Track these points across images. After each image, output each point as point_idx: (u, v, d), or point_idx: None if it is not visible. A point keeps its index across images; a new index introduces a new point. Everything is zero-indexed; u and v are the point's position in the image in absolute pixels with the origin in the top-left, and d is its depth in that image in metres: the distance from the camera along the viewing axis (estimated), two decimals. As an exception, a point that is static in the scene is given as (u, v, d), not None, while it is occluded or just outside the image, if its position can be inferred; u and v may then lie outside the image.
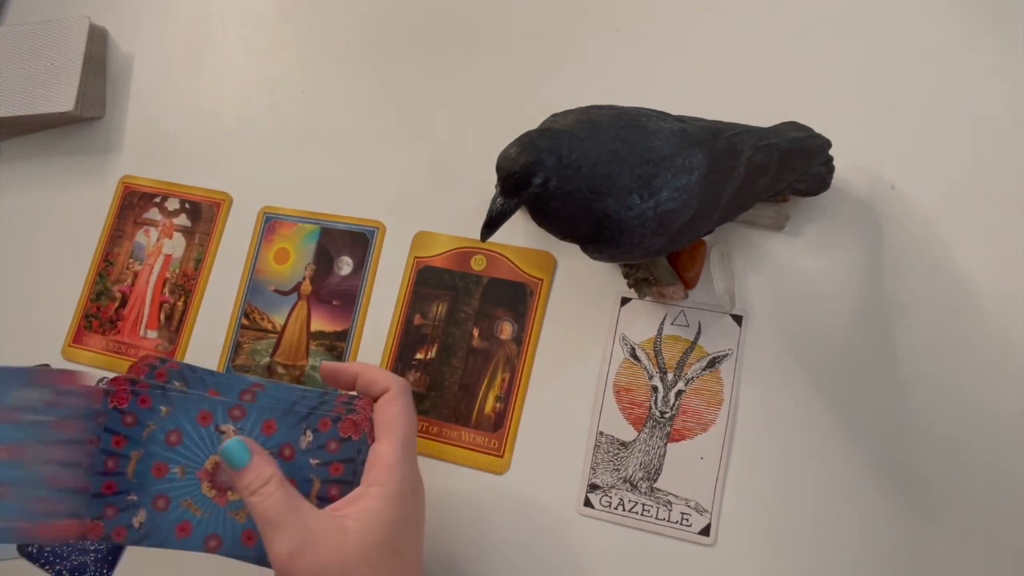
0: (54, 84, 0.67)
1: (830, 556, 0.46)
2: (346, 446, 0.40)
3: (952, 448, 0.46)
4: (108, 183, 0.68)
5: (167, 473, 0.39)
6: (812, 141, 0.48)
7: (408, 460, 0.39)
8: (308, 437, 0.40)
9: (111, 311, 0.64)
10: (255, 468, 0.37)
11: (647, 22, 0.60)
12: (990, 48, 0.52)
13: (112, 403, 0.39)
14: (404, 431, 0.40)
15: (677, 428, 0.50)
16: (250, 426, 0.39)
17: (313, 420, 0.40)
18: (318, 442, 0.40)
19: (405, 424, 0.40)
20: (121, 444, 0.39)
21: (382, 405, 0.41)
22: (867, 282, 0.50)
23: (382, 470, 0.38)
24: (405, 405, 0.41)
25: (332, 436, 0.40)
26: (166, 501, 0.39)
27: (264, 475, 0.37)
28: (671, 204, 0.42)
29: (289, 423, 0.40)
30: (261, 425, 0.40)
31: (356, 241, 0.61)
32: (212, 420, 0.39)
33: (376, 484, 0.38)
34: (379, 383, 0.41)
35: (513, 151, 0.40)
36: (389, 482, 0.38)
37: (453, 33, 0.64)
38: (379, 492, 0.37)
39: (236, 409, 0.40)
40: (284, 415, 0.40)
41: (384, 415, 0.40)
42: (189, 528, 0.39)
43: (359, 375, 0.42)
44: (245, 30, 0.70)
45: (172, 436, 0.39)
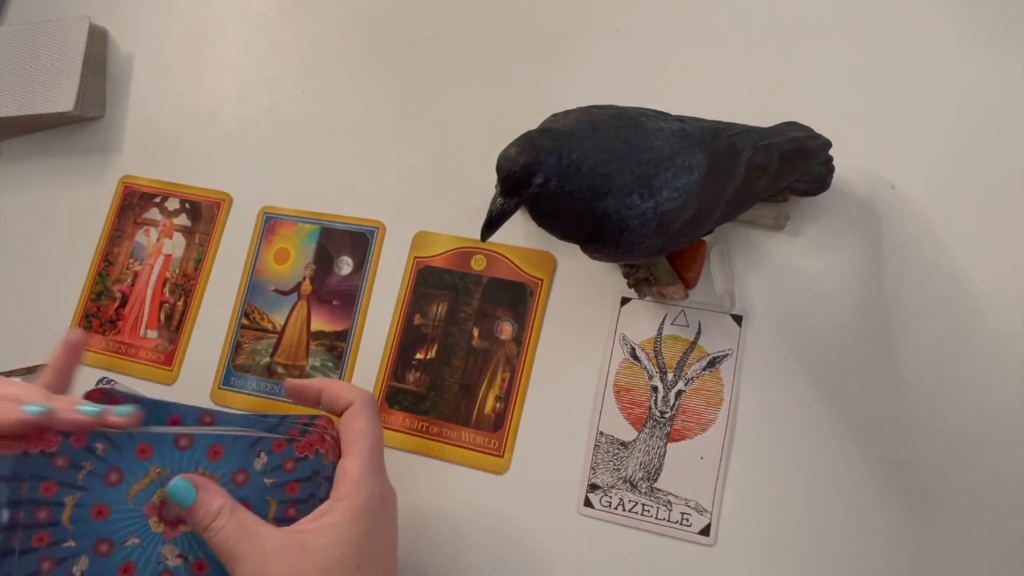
0: (54, 84, 0.67)
1: (830, 556, 0.46)
2: (302, 465, 0.39)
3: (952, 448, 0.46)
4: (108, 183, 0.68)
5: (109, 515, 0.36)
6: (812, 141, 0.48)
7: (375, 473, 0.39)
8: (263, 459, 0.38)
9: (111, 311, 0.64)
10: (203, 503, 0.36)
11: (647, 22, 0.60)
12: (990, 48, 0.52)
13: (38, 448, 0.35)
14: (370, 444, 0.39)
15: (677, 428, 0.50)
16: (197, 455, 0.38)
17: (267, 442, 0.39)
18: (273, 463, 0.39)
19: (370, 437, 0.39)
20: (52, 490, 0.36)
21: (347, 420, 0.40)
22: (867, 282, 0.50)
23: (348, 484, 0.38)
24: (370, 418, 0.40)
25: (288, 456, 0.39)
26: (109, 545, 0.36)
27: (213, 508, 0.36)
28: (671, 204, 0.42)
29: (240, 447, 0.38)
30: (207, 452, 0.38)
31: (356, 241, 0.61)
32: (153, 452, 0.37)
33: (342, 499, 0.37)
34: (343, 397, 0.41)
35: (513, 151, 0.40)
36: (355, 496, 0.37)
37: (453, 33, 0.64)
38: (344, 507, 0.37)
39: (182, 439, 0.38)
40: (233, 440, 0.38)
41: (349, 429, 0.40)
42: (133, 568, 0.37)
43: (323, 391, 0.42)
44: (245, 30, 0.70)
45: (112, 475, 0.37)
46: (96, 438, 0.37)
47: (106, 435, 0.37)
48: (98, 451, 0.37)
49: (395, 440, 0.55)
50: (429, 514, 0.53)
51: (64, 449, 0.36)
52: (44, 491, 0.36)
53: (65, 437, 0.36)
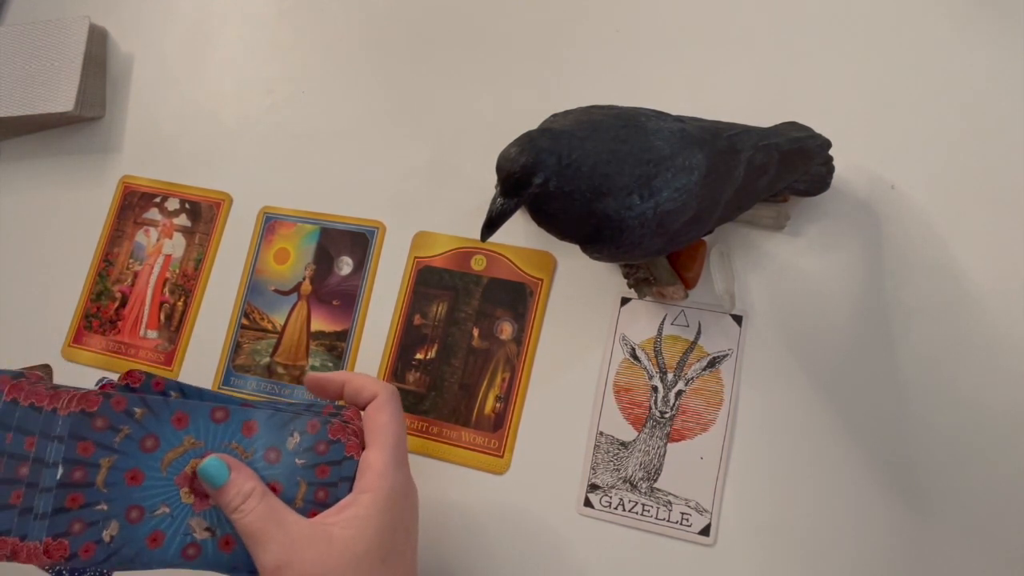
0: (54, 84, 0.67)
1: (830, 556, 0.46)
2: (334, 448, 0.39)
3: (952, 448, 0.46)
4: (108, 183, 0.68)
5: (143, 480, 0.36)
6: (812, 141, 0.48)
7: (399, 466, 0.39)
8: (295, 439, 0.38)
9: (111, 311, 0.64)
10: (234, 485, 0.36)
11: (647, 22, 0.60)
12: (990, 48, 0.52)
13: (79, 407, 0.35)
14: (394, 437, 0.39)
15: (677, 428, 0.50)
16: (232, 429, 0.38)
17: (301, 422, 0.39)
18: (305, 444, 0.38)
19: (395, 430, 0.39)
20: (88, 451, 0.36)
21: (371, 412, 0.40)
22: (867, 282, 0.50)
23: (373, 477, 0.38)
24: (394, 411, 0.40)
25: (320, 438, 0.39)
26: (140, 512, 0.36)
27: (244, 490, 0.36)
28: (671, 204, 0.42)
29: (274, 424, 0.38)
30: (241, 427, 0.38)
31: (356, 241, 0.61)
32: (188, 422, 0.37)
33: (366, 491, 0.37)
34: (366, 390, 0.41)
35: (513, 151, 0.40)
36: (379, 489, 0.37)
37: (453, 33, 0.64)
38: (369, 499, 0.37)
39: (218, 411, 0.38)
40: (268, 417, 0.38)
41: (373, 422, 0.40)
42: (161, 538, 0.37)
43: (346, 383, 0.41)
44: (245, 30, 0.70)
45: (148, 441, 0.37)
46: (135, 402, 0.36)
47: (144, 400, 0.37)
48: (136, 415, 0.36)
49: (395, 440, 0.55)
50: (429, 514, 0.53)
51: (104, 410, 0.36)
52: (82, 451, 0.35)
53: (106, 398, 0.36)
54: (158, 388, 0.39)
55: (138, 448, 0.36)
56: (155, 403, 0.37)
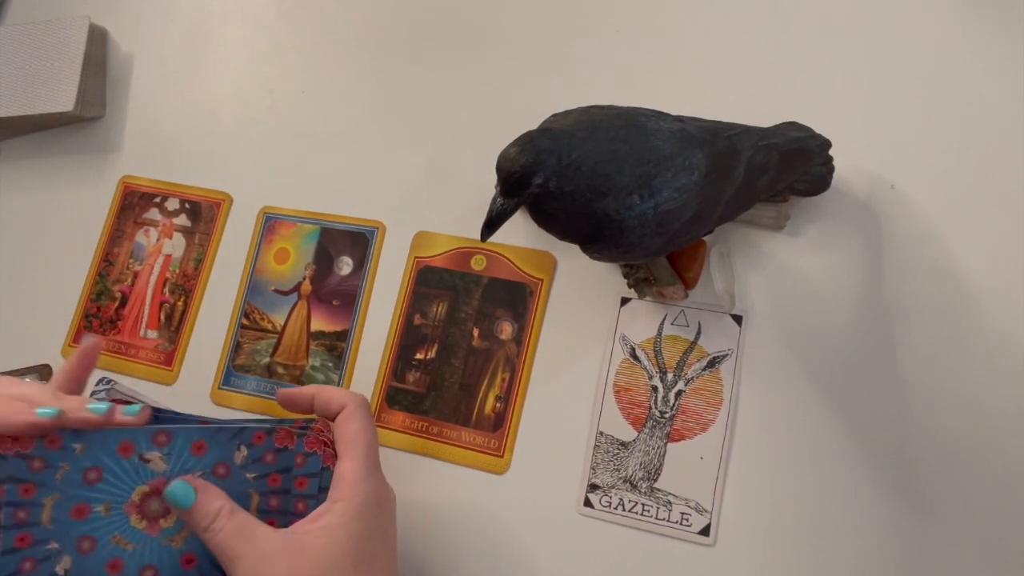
0: (54, 84, 0.67)
1: (830, 556, 0.46)
2: (282, 456, 0.39)
3: (952, 448, 0.46)
4: (108, 183, 0.68)
5: (89, 513, 0.37)
6: (812, 141, 0.48)
7: (372, 474, 0.39)
8: (243, 452, 0.39)
9: (111, 311, 0.64)
10: (201, 505, 0.37)
11: (647, 22, 0.60)
12: (990, 48, 0.52)
13: (14, 449, 0.36)
14: (365, 445, 0.40)
15: (677, 428, 0.50)
16: (178, 449, 0.38)
17: (246, 435, 0.39)
18: (253, 456, 0.39)
19: (365, 438, 0.40)
20: (31, 492, 0.36)
21: (341, 422, 0.40)
22: (867, 282, 0.50)
23: (346, 486, 0.38)
24: (363, 419, 0.40)
25: (267, 448, 0.39)
26: (92, 542, 0.37)
27: (212, 510, 0.36)
28: (671, 204, 0.42)
29: (220, 440, 0.39)
30: (189, 447, 0.38)
31: (356, 241, 0.61)
32: (134, 450, 0.37)
33: (340, 500, 0.38)
34: (335, 401, 0.41)
35: (513, 151, 0.40)
36: (353, 497, 0.38)
37: (453, 33, 0.64)
38: (342, 508, 0.38)
39: (161, 435, 0.38)
40: (214, 434, 0.39)
41: (343, 432, 0.40)
42: (121, 564, 0.37)
43: (315, 396, 0.42)
44: (245, 30, 0.70)
45: (91, 474, 0.37)
46: (72, 438, 0.37)
47: (81, 434, 0.37)
48: (76, 451, 0.37)
49: (395, 440, 0.55)
50: (429, 514, 0.53)
51: (39, 451, 0.36)
52: (23, 493, 0.36)
53: (40, 439, 0.36)
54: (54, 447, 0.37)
55: (81, 482, 0.37)
56: (95, 436, 0.37)
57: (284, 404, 0.43)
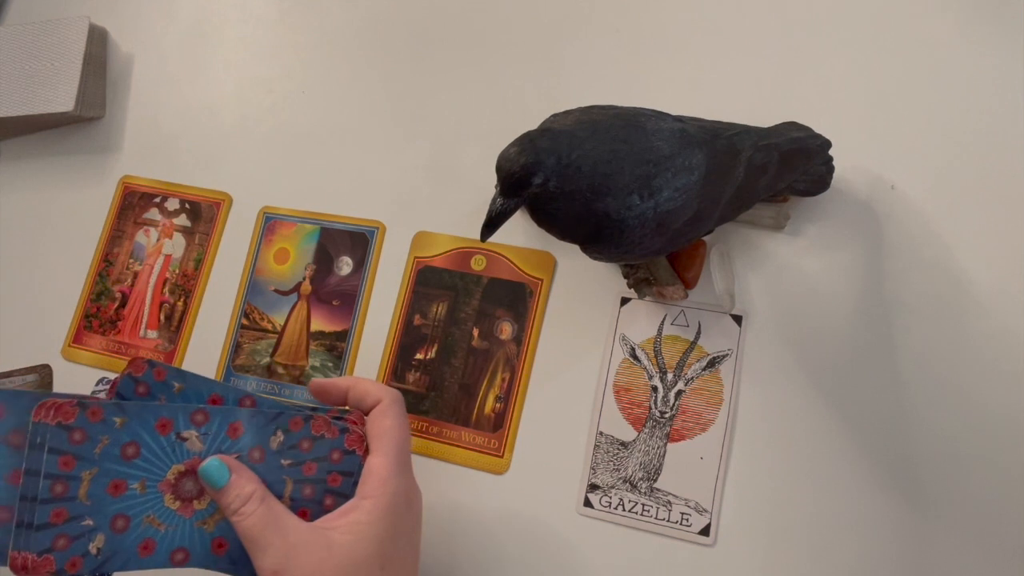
0: (54, 84, 0.67)
1: (830, 556, 0.46)
2: (319, 444, 0.39)
3: (952, 448, 0.46)
4: (108, 183, 0.68)
5: (126, 490, 0.36)
6: (812, 141, 0.48)
7: (402, 472, 0.39)
8: (279, 437, 0.38)
9: (111, 311, 0.64)
10: (234, 487, 0.36)
11: (647, 22, 0.60)
12: (989, 48, 0.52)
13: (55, 419, 0.34)
14: (397, 443, 0.39)
15: (677, 428, 0.50)
16: (215, 429, 0.37)
17: (283, 420, 0.38)
18: (289, 442, 0.38)
19: (398, 435, 0.39)
20: (68, 465, 0.34)
21: (374, 417, 0.40)
22: (867, 282, 0.50)
23: (375, 483, 0.38)
24: (398, 416, 0.40)
25: (304, 435, 0.39)
26: (126, 521, 0.36)
27: (244, 493, 0.36)
28: (671, 204, 0.42)
29: (257, 424, 0.38)
30: (226, 428, 0.38)
31: (356, 241, 0.61)
32: (172, 427, 0.37)
33: (368, 497, 0.37)
34: (370, 395, 0.40)
35: (513, 151, 0.40)
36: (381, 495, 0.37)
37: (453, 33, 0.64)
38: (370, 505, 0.37)
39: (199, 413, 0.37)
40: (251, 416, 0.38)
41: (377, 427, 0.39)
42: (153, 545, 0.36)
43: (350, 388, 0.41)
44: (245, 30, 0.70)
45: (129, 449, 0.36)
46: (113, 411, 0.35)
47: (123, 408, 0.36)
48: (116, 424, 0.35)
49: (395, 440, 0.55)
50: (429, 514, 0.53)
51: (81, 422, 0.35)
52: (62, 465, 0.34)
53: (82, 409, 0.35)
54: (159, 378, 0.38)
55: (119, 457, 0.36)
56: (135, 410, 0.36)
57: (316, 394, 0.42)
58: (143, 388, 0.37)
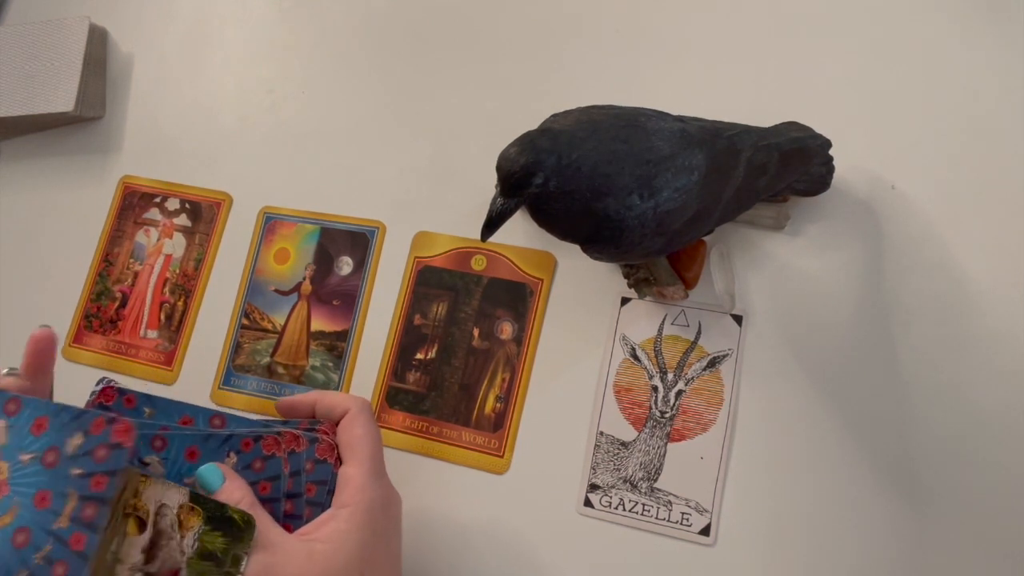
0: (54, 84, 0.67)
1: (830, 556, 0.46)
2: (270, 464, 0.40)
3: (952, 448, 0.46)
4: (108, 183, 0.68)
5: None
6: (812, 141, 0.48)
7: (377, 478, 0.40)
8: (232, 459, 0.39)
9: (111, 311, 0.64)
10: (225, 492, 0.37)
11: (647, 22, 0.60)
12: (989, 48, 0.52)
13: (97, 400, 0.39)
14: (369, 449, 0.40)
15: (677, 428, 0.50)
16: (173, 455, 0.39)
17: (235, 442, 0.40)
18: (242, 462, 0.39)
19: (369, 442, 0.40)
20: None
21: (344, 427, 0.41)
22: (867, 282, 0.50)
23: (351, 491, 0.38)
24: (366, 423, 0.41)
25: (256, 455, 0.40)
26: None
27: (234, 499, 0.37)
28: (671, 204, 0.42)
29: (210, 447, 0.39)
30: (183, 453, 0.39)
31: (356, 241, 0.61)
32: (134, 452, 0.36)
33: (345, 506, 0.38)
34: (338, 407, 0.41)
35: (513, 151, 0.40)
36: (358, 503, 0.38)
37: (453, 33, 0.64)
38: (347, 514, 0.38)
39: (157, 439, 0.39)
40: (205, 440, 0.39)
41: (348, 436, 0.40)
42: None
43: (317, 403, 0.42)
44: (245, 30, 0.70)
45: (156, 442, 0.38)
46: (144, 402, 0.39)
47: (153, 402, 0.39)
48: (145, 414, 0.39)
49: (395, 440, 0.55)
50: (429, 514, 0.53)
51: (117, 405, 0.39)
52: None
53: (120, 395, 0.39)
54: (129, 405, 0.40)
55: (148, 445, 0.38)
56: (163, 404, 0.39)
57: (284, 413, 0.43)
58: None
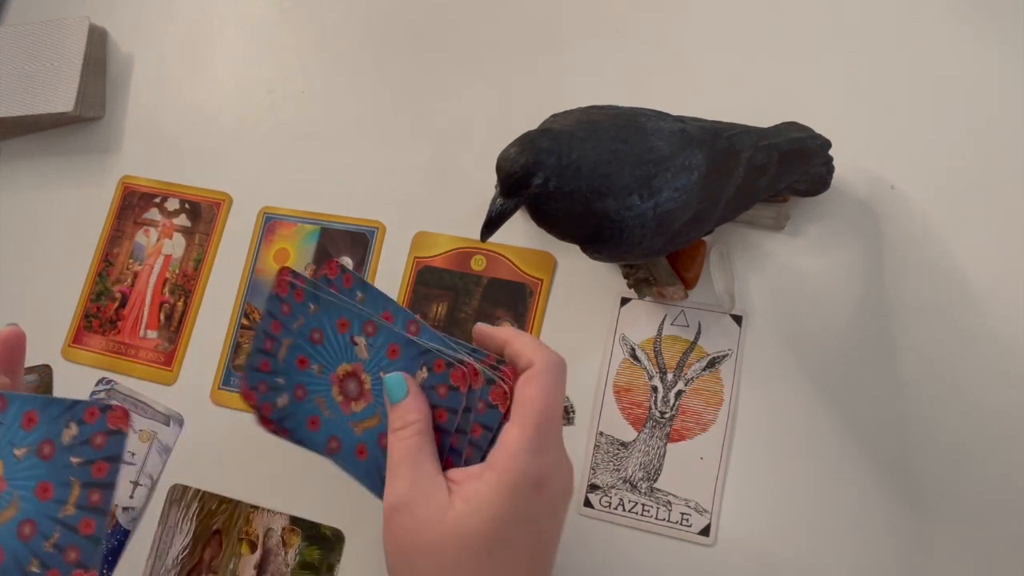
0: (54, 84, 0.67)
1: (830, 556, 0.46)
2: (452, 395, 0.37)
3: (952, 448, 0.46)
4: (108, 183, 0.68)
5: (308, 367, 0.41)
6: (812, 141, 0.48)
7: (537, 450, 0.34)
8: (423, 374, 0.38)
9: (111, 311, 0.64)
10: (403, 409, 0.36)
11: (647, 22, 0.60)
12: (989, 48, 0.52)
13: (274, 290, 0.42)
14: (538, 415, 0.34)
15: (677, 428, 0.50)
16: (378, 344, 0.39)
17: (430, 358, 0.37)
18: (430, 382, 0.38)
19: (540, 407, 0.35)
20: (277, 329, 0.42)
21: (522, 382, 0.36)
22: (867, 282, 0.50)
23: (505, 456, 0.34)
24: (547, 385, 0.35)
25: (444, 380, 0.37)
26: (304, 392, 0.41)
27: (408, 418, 0.36)
28: (671, 204, 0.42)
29: (411, 353, 0.38)
30: (387, 348, 0.39)
31: (356, 241, 0.61)
32: (349, 328, 0.40)
33: (494, 469, 0.34)
34: (523, 356, 0.36)
35: (513, 151, 0.40)
36: (507, 471, 0.33)
37: (453, 33, 0.64)
38: (495, 479, 0.33)
39: (369, 324, 0.39)
40: (407, 344, 0.38)
41: (520, 394, 0.35)
42: (318, 423, 0.41)
43: (507, 343, 0.37)
44: (245, 30, 0.70)
45: (315, 334, 0.41)
46: (310, 297, 0.41)
47: (318, 298, 0.41)
48: (311, 309, 0.41)
49: (395, 440, 0.55)
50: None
51: (289, 297, 0.42)
52: (273, 328, 0.42)
53: (292, 288, 0.42)
54: (347, 284, 0.42)
55: (308, 336, 0.41)
56: (326, 303, 0.41)
57: (478, 340, 0.39)
58: (333, 289, 0.41)
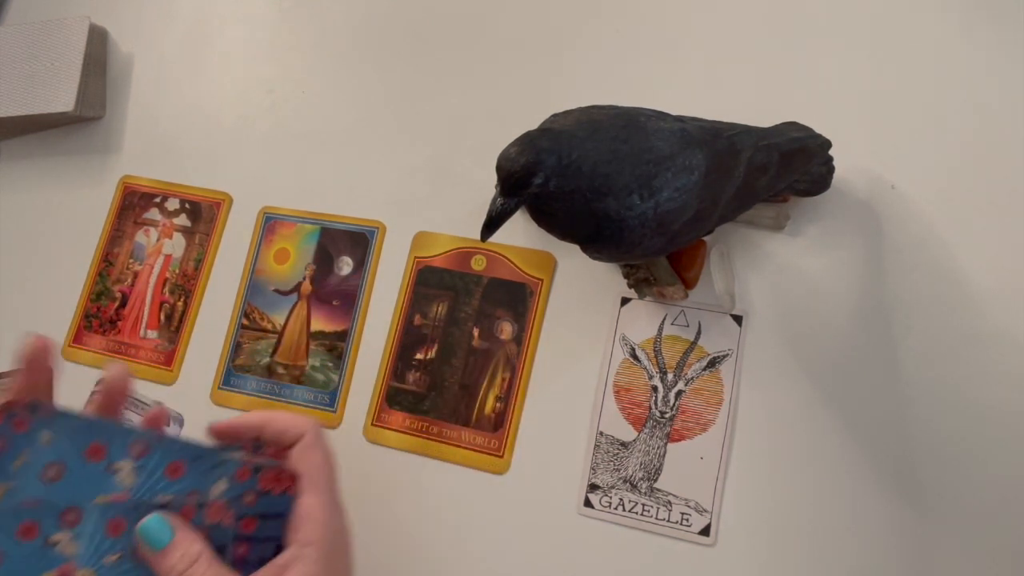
0: (54, 84, 0.67)
1: (830, 556, 0.46)
2: (263, 500, 0.34)
3: (952, 448, 0.46)
4: (108, 183, 0.68)
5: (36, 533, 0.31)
6: (812, 141, 0.48)
7: (338, 510, 0.36)
8: (221, 486, 0.33)
9: (111, 311, 0.64)
10: (179, 547, 0.31)
11: (647, 23, 0.60)
12: (990, 48, 0.52)
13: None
14: (328, 479, 0.36)
15: (677, 428, 0.50)
16: (152, 465, 0.33)
17: (230, 467, 0.33)
18: (232, 492, 0.33)
19: (328, 471, 0.36)
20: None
21: (301, 454, 0.36)
22: (867, 282, 0.50)
23: (315, 527, 0.34)
24: (325, 450, 0.36)
25: (249, 487, 0.33)
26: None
27: (191, 554, 0.31)
28: (671, 204, 0.42)
29: (200, 469, 0.33)
30: (165, 466, 0.33)
31: (356, 241, 0.61)
32: (105, 454, 0.32)
33: (310, 544, 0.33)
34: (291, 431, 0.36)
35: (513, 151, 0.40)
36: (323, 539, 0.34)
37: (453, 33, 0.64)
38: (315, 553, 0.33)
39: (138, 444, 0.32)
40: (194, 459, 0.33)
41: (306, 464, 0.35)
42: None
43: (265, 426, 0.36)
44: (245, 30, 0.70)
45: (51, 470, 0.32)
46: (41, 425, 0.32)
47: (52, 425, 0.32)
48: (41, 440, 0.32)
49: (395, 440, 0.55)
50: (429, 514, 0.53)
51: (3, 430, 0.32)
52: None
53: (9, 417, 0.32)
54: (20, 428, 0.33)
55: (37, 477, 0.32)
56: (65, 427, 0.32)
57: (221, 437, 0.37)
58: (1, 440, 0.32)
